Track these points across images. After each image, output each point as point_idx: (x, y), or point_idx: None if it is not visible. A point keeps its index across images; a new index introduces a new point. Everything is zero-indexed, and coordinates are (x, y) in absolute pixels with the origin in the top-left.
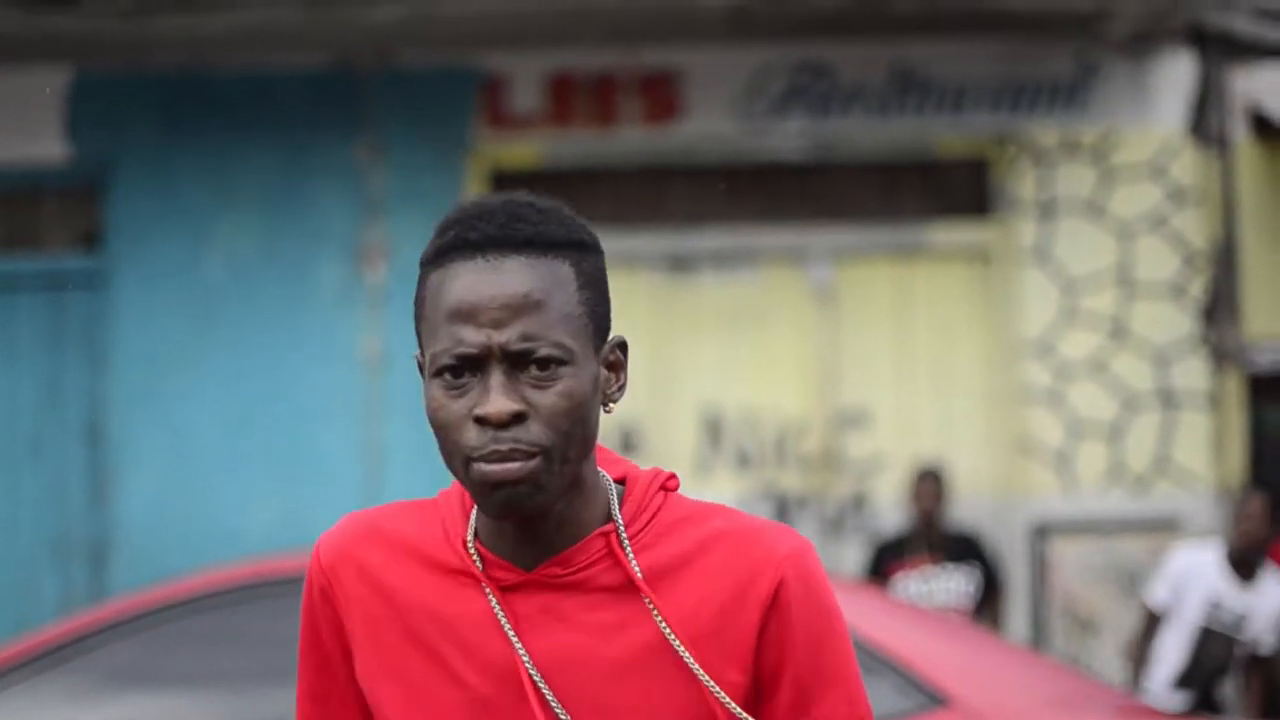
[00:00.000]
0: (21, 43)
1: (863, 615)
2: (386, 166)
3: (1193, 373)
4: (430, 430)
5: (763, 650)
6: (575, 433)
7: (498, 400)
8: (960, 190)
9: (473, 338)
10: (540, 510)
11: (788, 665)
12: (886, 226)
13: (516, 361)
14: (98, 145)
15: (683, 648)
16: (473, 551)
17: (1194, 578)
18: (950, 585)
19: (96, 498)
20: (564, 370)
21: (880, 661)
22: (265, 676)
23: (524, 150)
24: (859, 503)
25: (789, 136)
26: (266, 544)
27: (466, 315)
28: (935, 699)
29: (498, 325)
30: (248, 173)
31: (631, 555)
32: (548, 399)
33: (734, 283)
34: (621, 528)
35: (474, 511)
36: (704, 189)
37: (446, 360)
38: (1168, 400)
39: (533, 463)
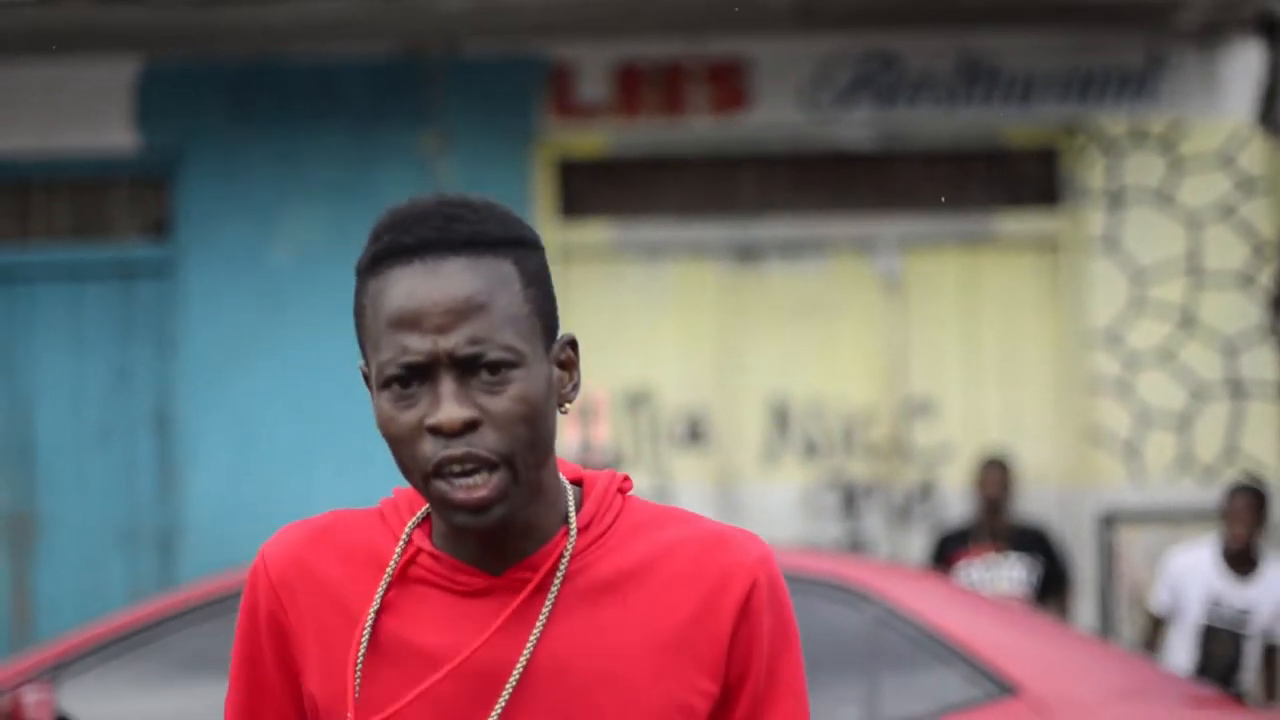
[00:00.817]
0: (91, 33)
1: (931, 604)
2: (453, 155)
3: (1262, 362)
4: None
5: (732, 657)
6: (533, 437)
7: (449, 409)
8: (1029, 180)
9: (418, 345)
10: (505, 522)
11: (751, 673)
12: (954, 216)
13: (466, 367)
14: (167, 135)
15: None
16: (397, 554)
17: (1190, 577)
18: (1012, 575)
19: (165, 486)
20: (515, 373)
21: (949, 650)
22: None
23: (591, 140)
24: (925, 492)
25: (856, 126)
26: None
27: (410, 323)
28: (1004, 688)
29: (442, 331)
30: (316, 162)
31: (565, 561)
32: (501, 404)
33: (801, 272)
34: (574, 530)
35: (423, 514)
36: (771, 178)
37: (393, 370)
38: (1236, 390)
39: (495, 477)
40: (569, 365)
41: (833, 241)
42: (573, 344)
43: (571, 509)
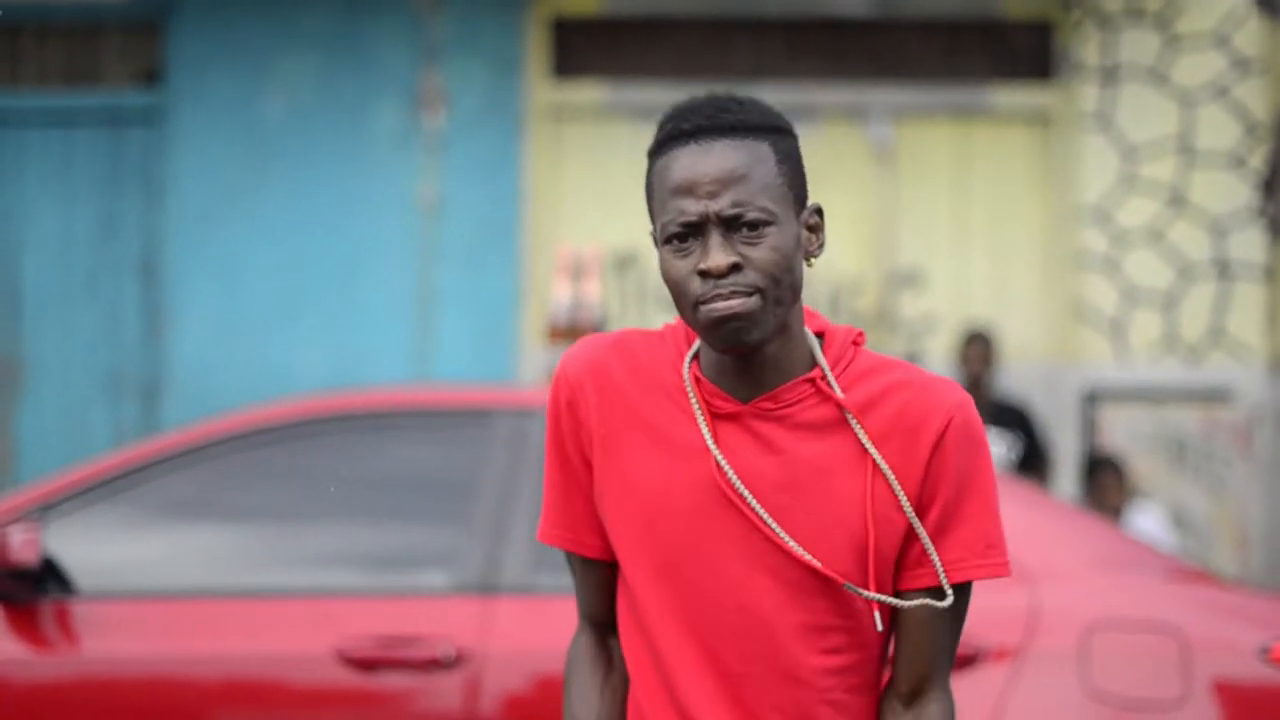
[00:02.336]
0: None
1: None
2: (447, 11)
3: (1250, 244)
4: (477, 273)
5: (926, 478)
6: (783, 279)
7: (716, 255)
8: (1023, 52)
9: (693, 208)
10: (756, 344)
11: (940, 495)
12: (948, 86)
13: (730, 224)
14: None
15: (881, 459)
16: (687, 382)
17: None
18: (992, 450)
19: (150, 335)
20: (769, 229)
21: None
22: (313, 512)
23: None
24: (911, 362)
25: None
26: (316, 386)
27: (686, 190)
28: None
29: (712, 196)
30: (307, 12)
31: (839, 391)
32: (757, 253)
33: None
34: (828, 370)
35: (696, 347)
36: (766, 44)
37: (673, 229)
38: (1224, 271)
39: (750, 300)
40: (815, 228)
41: (825, 109)
42: (819, 211)
43: (818, 352)
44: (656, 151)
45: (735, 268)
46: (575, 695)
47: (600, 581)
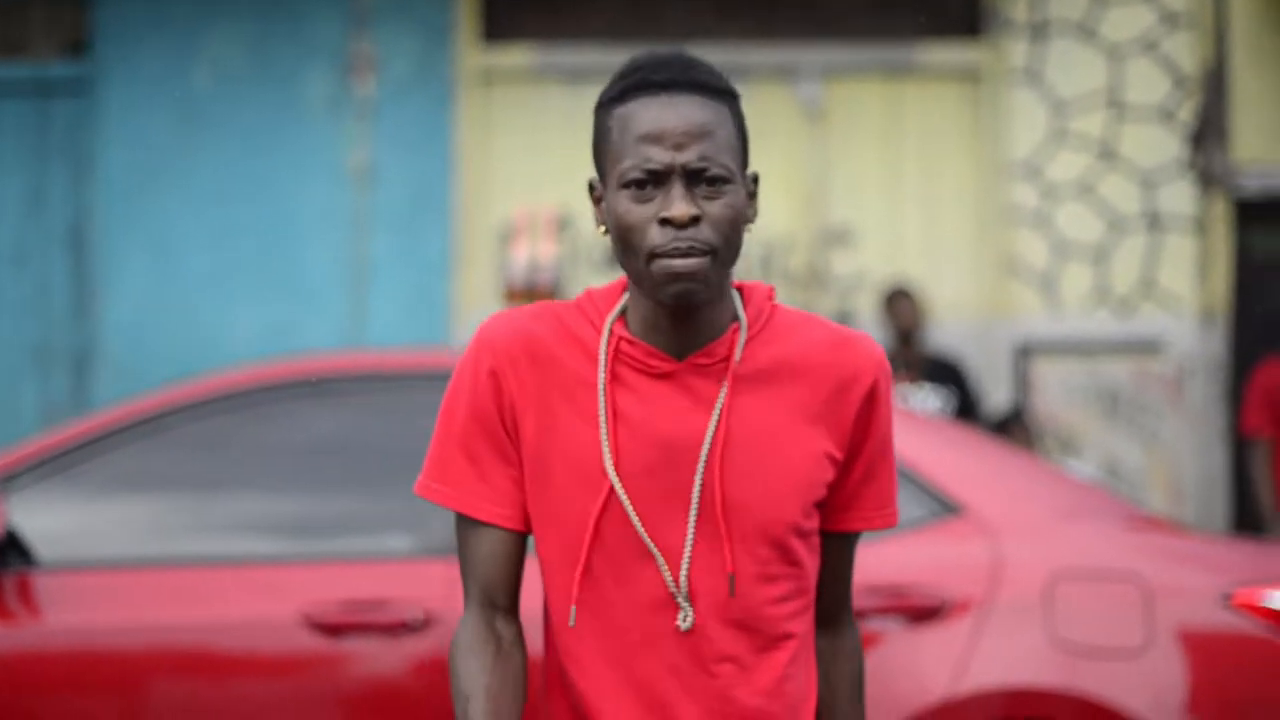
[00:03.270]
0: None
1: None
2: None
3: (1180, 196)
4: (409, 239)
5: (854, 433)
6: (733, 239)
7: (680, 205)
8: (952, 9)
9: (660, 156)
10: (702, 303)
11: (866, 447)
12: (877, 45)
13: (693, 178)
14: None
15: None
16: (603, 345)
17: None
18: (927, 404)
19: (79, 307)
20: (728, 188)
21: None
22: (277, 479)
23: None
24: (843, 320)
25: None
26: (249, 355)
27: (655, 138)
28: (948, 507)
29: (680, 148)
30: None
31: (738, 351)
32: (716, 208)
33: None
34: (744, 324)
35: (621, 307)
36: (696, 4)
37: (636, 174)
38: (1154, 223)
39: (704, 260)
40: (753, 196)
41: (755, 69)
42: (756, 179)
43: (740, 309)
44: (618, 99)
45: (695, 220)
46: (462, 676)
47: (500, 551)
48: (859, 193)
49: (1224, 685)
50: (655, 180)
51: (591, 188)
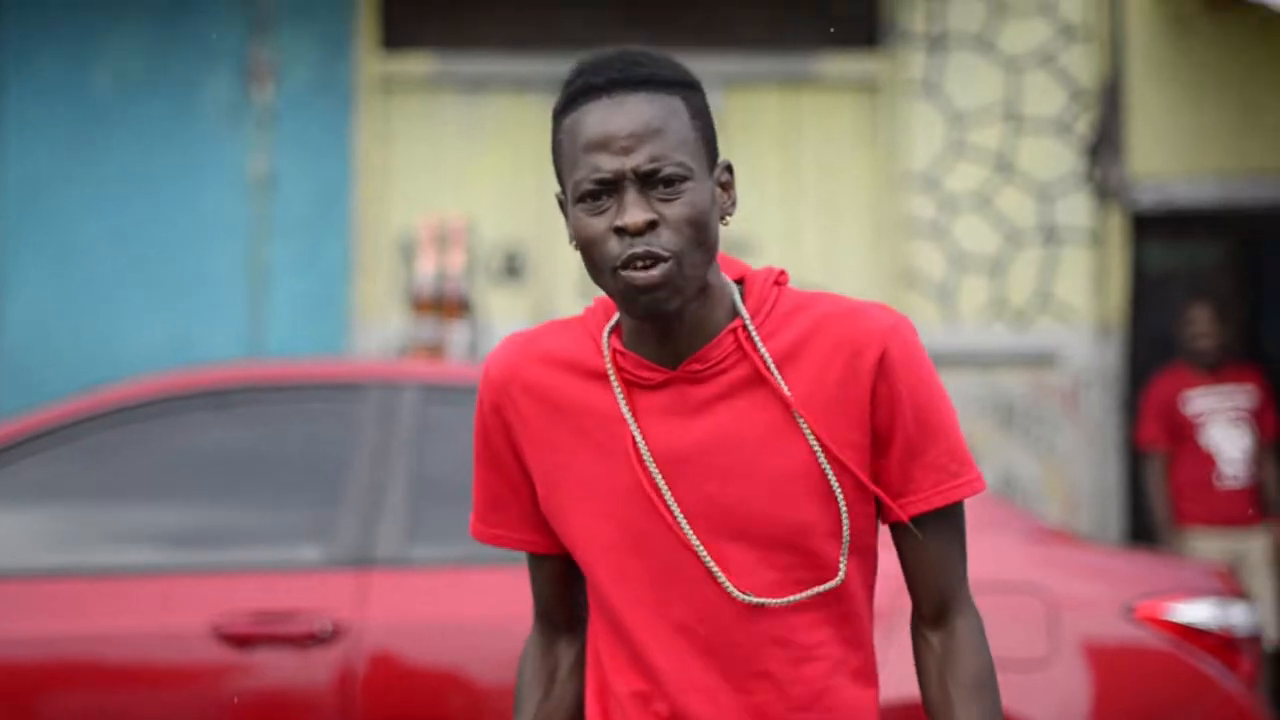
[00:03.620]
0: None
1: None
2: None
3: (1076, 209)
4: (309, 246)
5: (875, 411)
6: (699, 238)
7: (634, 212)
8: (850, 20)
9: (608, 164)
10: (677, 310)
11: (898, 422)
12: (776, 54)
13: (646, 181)
14: None
15: (804, 422)
16: (606, 357)
17: None
18: None
19: None
20: (686, 185)
21: None
22: (186, 489)
23: None
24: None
25: None
26: (148, 364)
27: (600, 145)
28: None
29: (627, 152)
30: None
31: (762, 346)
32: (675, 209)
33: None
34: (749, 321)
35: (615, 321)
36: (595, 13)
37: (587, 186)
38: (1050, 235)
39: (667, 266)
40: (727, 186)
41: None
42: (729, 168)
43: (739, 303)
44: (565, 109)
45: (652, 225)
46: (519, 704)
47: (551, 575)
48: (758, 203)
49: (1128, 697)
50: (608, 189)
51: (560, 202)
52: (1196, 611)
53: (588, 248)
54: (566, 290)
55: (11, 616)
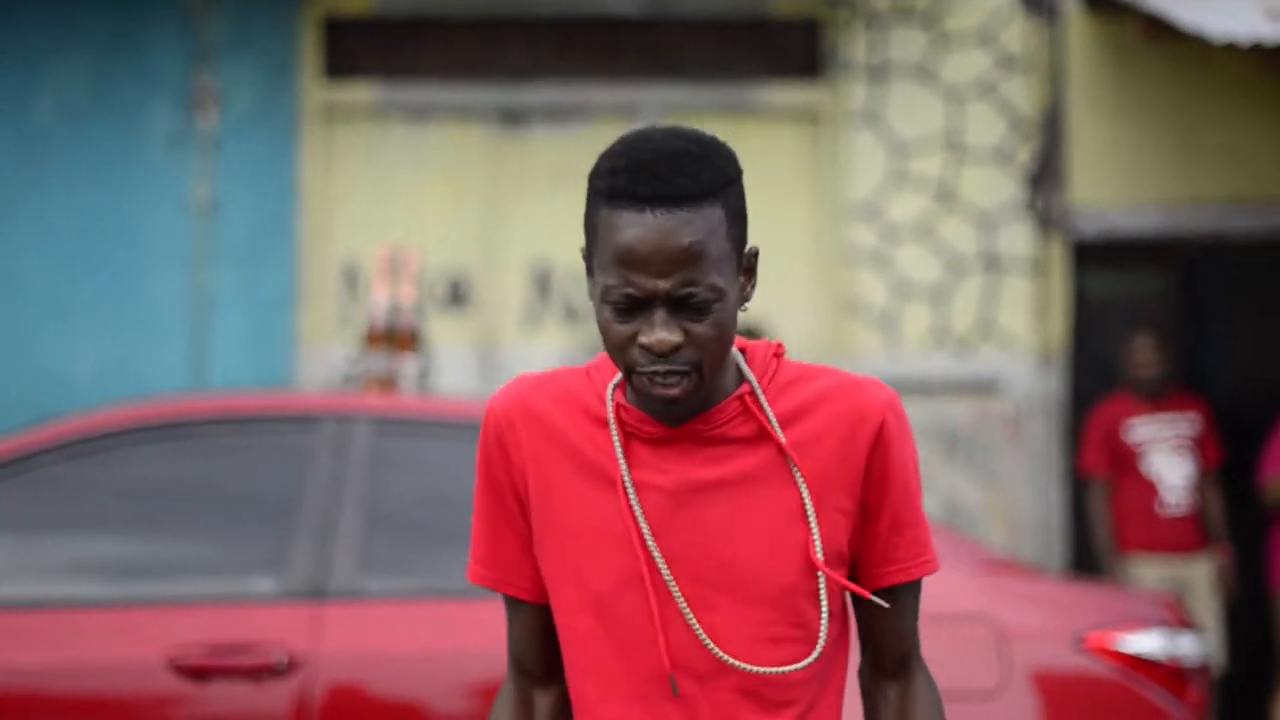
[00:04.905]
0: None
1: None
2: (219, 12)
3: (1018, 238)
4: (252, 274)
5: (868, 482)
6: (722, 351)
7: (661, 334)
8: (792, 50)
9: (642, 283)
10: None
11: (887, 495)
12: (718, 84)
13: (677, 303)
14: None
15: (805, 489)
16: (610, 409)
17: None
18: None
19: None
20: (716, 306)
21: None
22: (138, 522)
23: None
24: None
25: None
26: (93, 391)
27: (637, 264)
28: None
29: (663, 275)
30: (80, 13)
31: (768, 407)
32: (701, 329)
33: (565, 137)
34: (757, 387)
35: (618, 379)
36: (537, 43)
37: (617, 296)
38: (992, 264)
39: (687, 380)
40: (750, 272)
41: (597, 107)
42: (755, 254)
43: (746, 370)
44: (604, 198)
45: (676, 347)
46: None
47: (529, 627)
48: None
49: None
50: (637, 305)
51: (583, 255)
52: (1146, 642)
53: (609, 345)
54: (512, 318)
55: None
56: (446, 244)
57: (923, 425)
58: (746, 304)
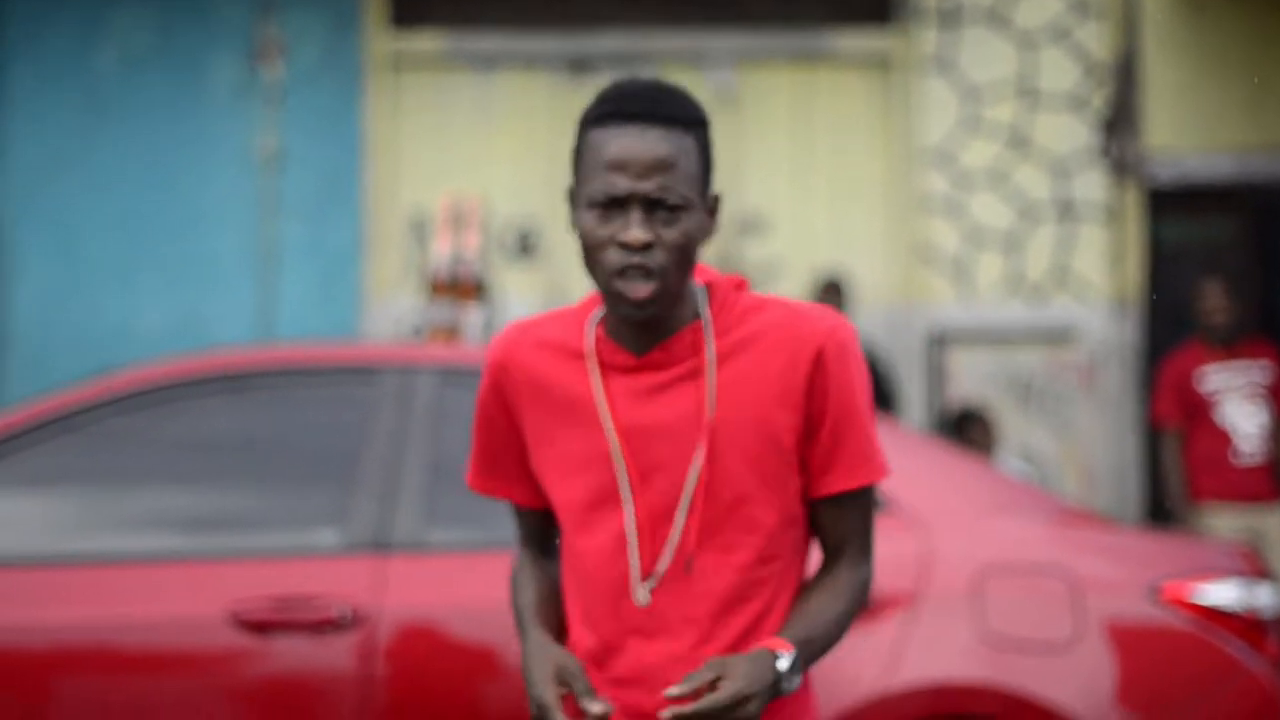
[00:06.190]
0: None
1: None
2: None
3: (1092, 184)
4: (318, 226)
5: (810, 398)
6: (685, 260)
7: (636, 231)
8: None
9: (622, 185)
10: (655, 317)
11: (828, 411)
12: (788, 31)
13: (651, 205)
14: None
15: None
16: (589, 343)
17: None
18: None
19: None
20: (684, 214)
21: None
22: (202, 475)
23: None
24: None
25: None
26: (158, 343)
27: (620, 167)
28: (876, 503)
29: (641, 177)
30: None
31: (711, 344)
32: (671, 234)
33: None
34: (707, 322)
35: (598, 314)
36: None
37: (600, 198)
38: (1066, 211)
39: (655, 284)
40: (713, 213)
41: (665, 54)
42: (717, 198)
43: (702, 306)
44: (594, 123)
45: (648, 245)
46: (517, 593)
47: (529, 525)
48: (771, 180)
49: (1152, 679)
50: (617, 205)
51: (569, 194)
52: (1221, 593)
53: (590, 249)
54: (580, 267)
55: (27, 604)
56: (514, 193)
57: (996, 374)
58: (708, 237)
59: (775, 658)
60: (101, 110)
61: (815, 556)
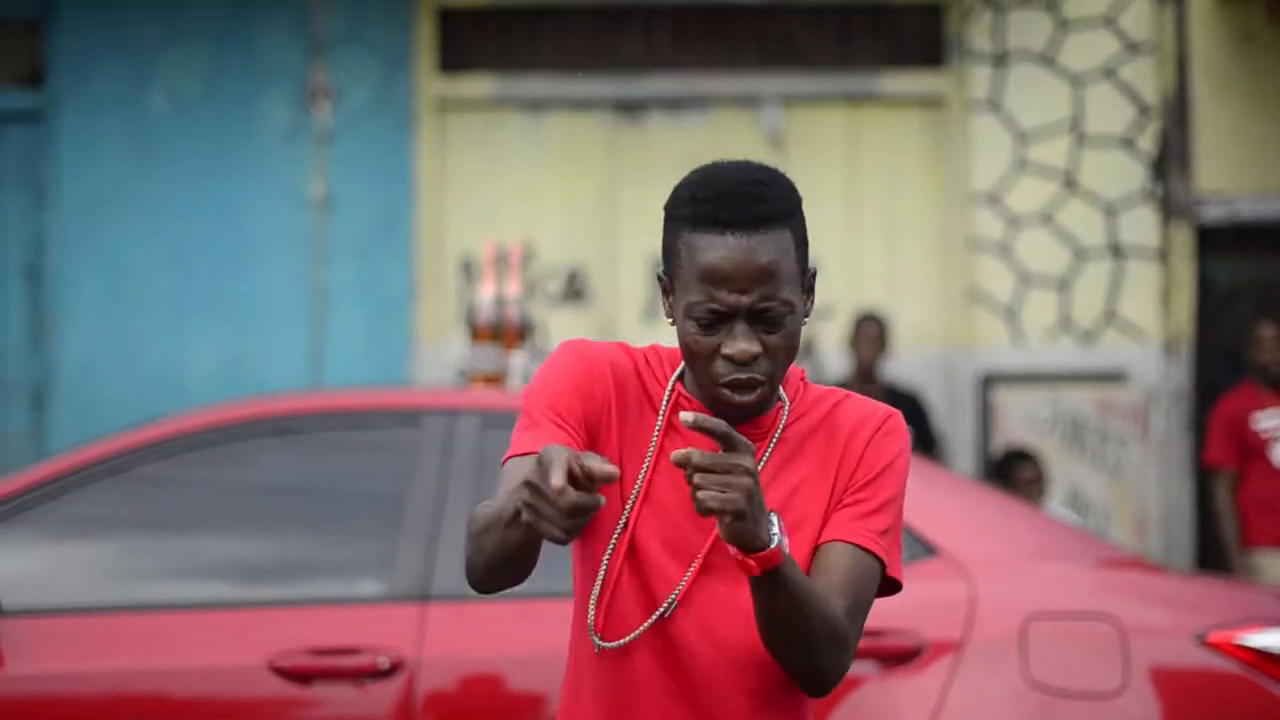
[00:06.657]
0: None
1: None
2: (334, 5)
3: (1142, 225)
4: (369, 269)
5: (839, 474)
6: (790, 360)
7: (743, 344)
8: (914, 38)
9: (725, 299)
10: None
11: (852, 481)
12: (839, 73)
13: (755, 316)
14: None
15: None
16: (666, 396)
17: None
18: None
19: (36, 338)
20: (788, 319)
21: None
22: (242, 522)
23: None
24: (805, 349)
25: None
26: (207, 387)
27: (720, 281)
28: (923, 548)
29: (744, 291)
30: (193, 6)
31: (781, 426)
32: (776, 340)
33: (684, 127)
34: (786, 404)
35: (682, 370)
36: (655, 32)
37: (701, 312)
38: (1116, 252)
39: (762, 389)
40: (810, 290)
41: (716, 97)
42: (814, 274)
43: (781, 391)
44: (688, 224)
45: (755, 356)
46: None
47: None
48: (821, 221)
49: None
50: (720, 318)
51: (660, 279)
52: (1271, 639)
53: (691, 357)
54: (630, 311)
55: (71, 652)
56: (564, 237)
57: (1046, 416)
58: (807, 319)
59: (777, 522)
60: (152, 153)
61: None
